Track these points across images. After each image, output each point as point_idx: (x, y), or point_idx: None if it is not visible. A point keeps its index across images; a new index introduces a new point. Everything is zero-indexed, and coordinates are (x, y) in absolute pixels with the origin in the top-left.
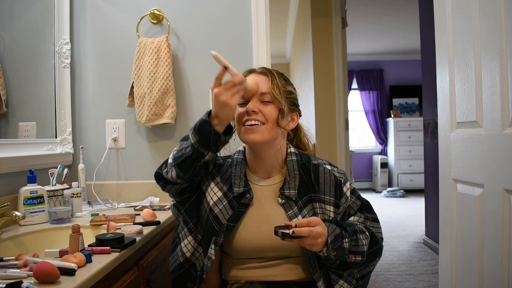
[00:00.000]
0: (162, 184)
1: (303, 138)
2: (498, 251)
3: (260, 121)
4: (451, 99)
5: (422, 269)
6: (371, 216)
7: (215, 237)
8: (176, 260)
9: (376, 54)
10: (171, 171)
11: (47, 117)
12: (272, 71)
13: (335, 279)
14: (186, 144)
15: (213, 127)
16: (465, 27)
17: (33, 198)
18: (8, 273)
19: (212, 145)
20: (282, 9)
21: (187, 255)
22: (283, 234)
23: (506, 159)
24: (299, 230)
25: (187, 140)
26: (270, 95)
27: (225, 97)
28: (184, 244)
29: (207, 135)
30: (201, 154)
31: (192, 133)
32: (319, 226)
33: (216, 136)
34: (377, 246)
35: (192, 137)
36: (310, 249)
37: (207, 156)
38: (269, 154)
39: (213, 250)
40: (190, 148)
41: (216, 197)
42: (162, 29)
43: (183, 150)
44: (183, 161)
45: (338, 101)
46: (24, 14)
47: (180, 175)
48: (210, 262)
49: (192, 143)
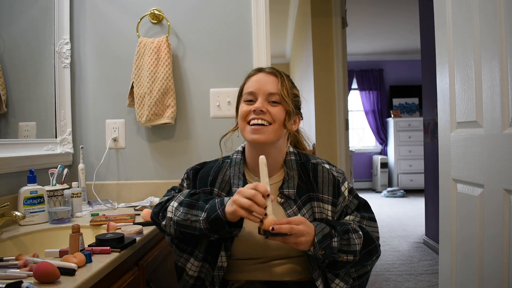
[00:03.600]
0: (158, 228)
1: (301, 139)
2: (498, 251)
3: (267, 121)
4: (451, 99)
5: (422, 269)
6: (368, 215)
7: (224, 244)
8: (186, 284)
9: (376, 54)
10: (170, 228)
11: (47, 117)
12: (281, 73)
13: (331, 278)
14: (194, 219)
15: (226, 226)
16: (465, 27)
17: (33, 198)
18: (8, 273)
19: (221, 234)
20: (282, 9)
21: (195, 275)
22: (265, 232)
23: (506, 159)
24: (279, 227)
25: (196, 216)
26: (279, 96)
27: (243, 213)
28: (188, 268)
29: (219, 229)
30: (208, 236)
31: (203, 219)
32: (302, 224)
33: (228, 233)
34: (372, 245)
35: (202, 223)
36: (296, 247)
37: (212, 238)
38: (271, 153)
39: (225, 257)
40: (198, 230)
41: None
42: (162, 29)
43: (188, 222)
44: (187, 234)
45: (338, 101)
46: (24, 14)
47: (180, 238)
48: (222, 271)
49: (201, 227)
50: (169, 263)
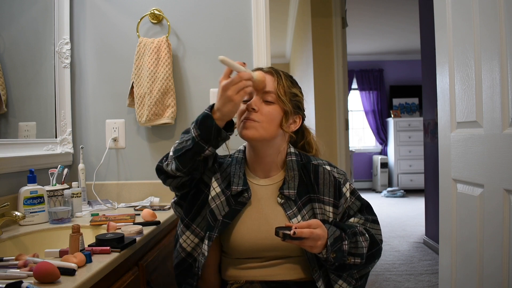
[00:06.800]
0: (163, 178)
1: (311, 140)
2: (498, 251)
3: (256, 120)
4: (451, 99)
5: (422, 269)
6: (371, 218)
7: (209, 232)
8: (178, 256)
9: (376, 54)
10: (171, 164)
11: (47, 117)
12: (279, 72)
13: (334, 279)
14: (188, 137)
15: (214, 122)
16: (465, 27)
17: (33, 198)
18: (8, 273)
19: (213, 140)
20: (282, 9)
21: (188, 249)
22: (284, 235)
23: (506, 159)
24: (300, 231)
25: (189, 133)
26: (275, 95)
27: (231, 92)
28: (182, 239)
29: (209, 130)
30: (202, 148)
31: (193, 127)
32: (320, 228)
33: (217, 131)
34: (376, 248)
35: (193, 131)
36: (310, 251)
37: (207, 150)
38: (268, 153)
39: (207, 246)
40: (191, 141)
41: (214, 192)
42: (162, 29)
43: (184, 142)
44: (184, 154)
45: (338, 101)
46: (24, 14)
47: (180, 167)
48: (203, 258)
49: (193, 136)
50: (169, 263)
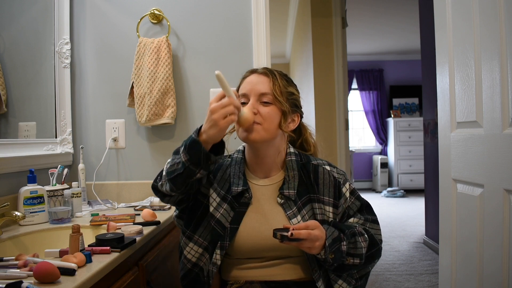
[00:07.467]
0: (159, 196)
1: (309, 138)
2: (498, 251)
3: (257, 122)
4: (451, 99)
5: (422, 269)
6: (371, 218)
7: (221, 242)
8: (184, 267)
9: (376, 54)
10: (165, 185)
11: (47, 117)
12: (273, 72)
13: (334, 279)
14: (178, 159)
15: (202, 148)
16: (465, 27)
17: (33, 198)
18: (8, 273)
19: (203, 164)
20: (282, 9)
21: (193, 260)
22: (281, 236)
23: (506, 159)
24: (298, 233)
25: (179, 154)
26: (272, 96)
27: (217, 116)
28: (186, 251)
29: (197, 155)
30: (193, 172)
31: (182, 151)
32: (317, 229)
33: (206, 156)
34: (375, 248)
35: (182, 155)
36: (308, 252)
37: (198, 174)
38: (268, 153)
39: (219, 256)
40: (181, 165)
41: (215, 202)
42: (162, 29)
43: (175, 165)
44: (175, 177)
45: (338, 101)
46: (24, 14)
47: (174, 189)
48: (215, 267)
49: (183, 161)
50: (169, 263)
